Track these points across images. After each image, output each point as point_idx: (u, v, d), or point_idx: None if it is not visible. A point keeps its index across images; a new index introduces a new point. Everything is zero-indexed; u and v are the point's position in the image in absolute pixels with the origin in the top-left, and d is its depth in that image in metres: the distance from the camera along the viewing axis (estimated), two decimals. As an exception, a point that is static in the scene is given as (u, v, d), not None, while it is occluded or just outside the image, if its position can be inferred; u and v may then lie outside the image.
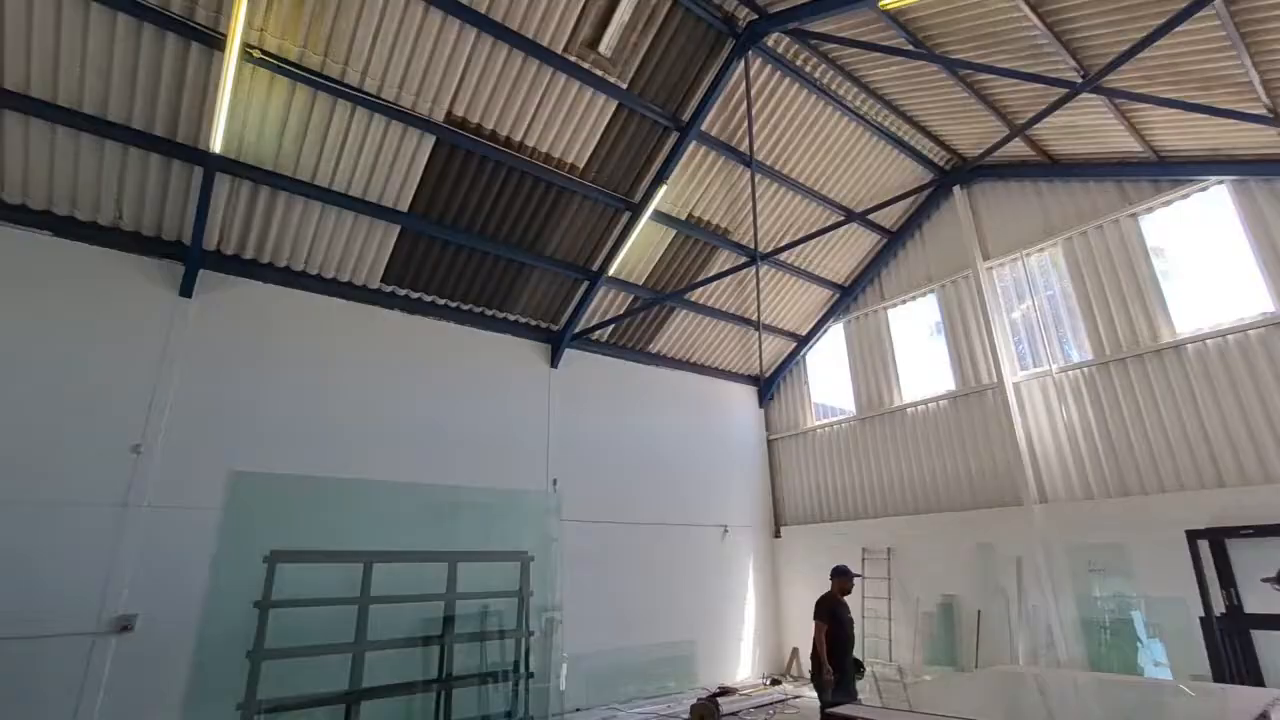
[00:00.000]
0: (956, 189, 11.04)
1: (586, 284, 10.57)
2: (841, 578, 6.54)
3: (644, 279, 11.09)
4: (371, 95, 7.51)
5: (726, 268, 11.05)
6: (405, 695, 5.68)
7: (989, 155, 9.75)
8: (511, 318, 10.63)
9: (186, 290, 7.82)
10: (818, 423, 13.29)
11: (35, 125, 6.65)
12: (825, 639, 6.09)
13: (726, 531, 12.47)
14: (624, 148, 9.23)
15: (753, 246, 10.43)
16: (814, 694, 6.60)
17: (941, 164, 11.09)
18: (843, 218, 10.92)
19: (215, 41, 6.58)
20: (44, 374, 6.90)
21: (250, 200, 7.88)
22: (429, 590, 6.16)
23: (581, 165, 9.18)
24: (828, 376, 13.75)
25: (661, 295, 11.08)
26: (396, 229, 8.83)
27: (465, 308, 10.13)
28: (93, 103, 6.71)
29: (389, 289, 9.43)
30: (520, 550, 5.99)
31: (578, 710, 9.12)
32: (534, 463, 10.21)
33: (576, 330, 11.00)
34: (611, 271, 10.33)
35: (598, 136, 8.95)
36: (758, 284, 10.91)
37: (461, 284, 9.81)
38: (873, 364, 12.42)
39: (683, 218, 10.48)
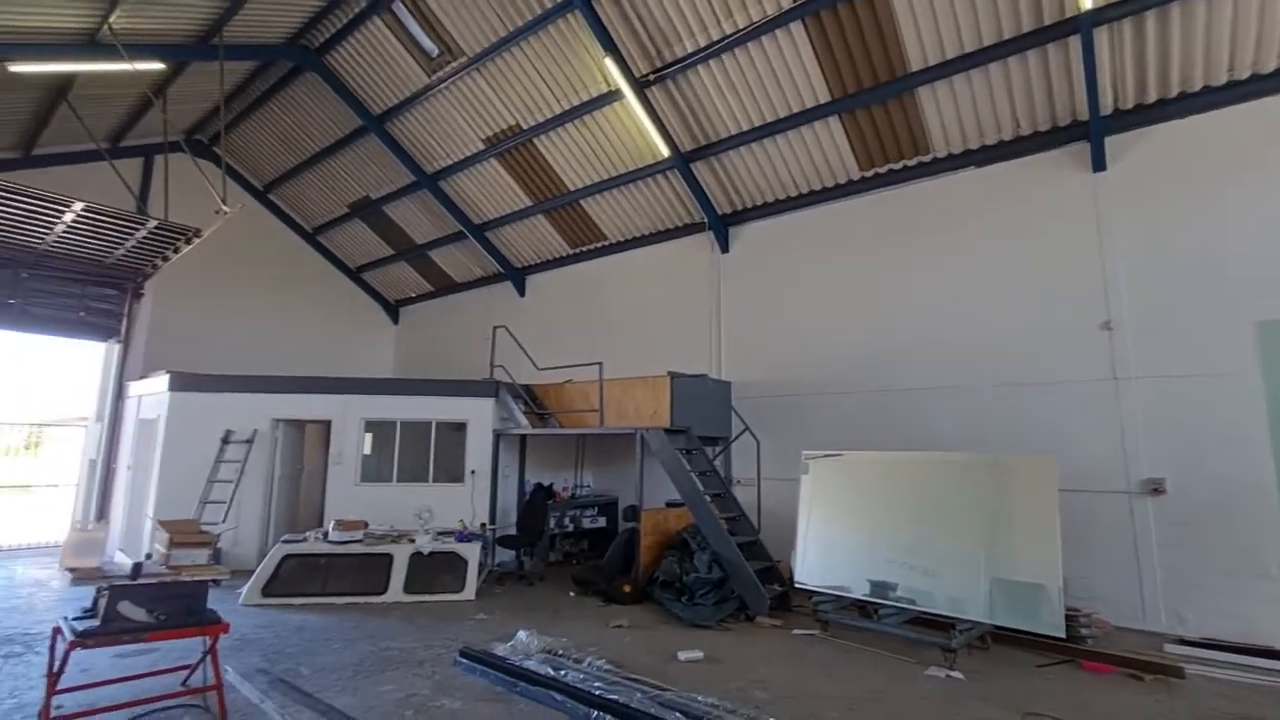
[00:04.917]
0: None
1: None
2: None
3: None
4: None
5: None
6: None
7: None
8: None
9: (1099, 164, 7.60)
10: None
11: (939, 88, 8.07)
12: None
13: None
14: None
15: None
16: None
17: None
18: None
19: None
20: (1016, 273, 8.15)
21: (1135, 35, 6.95)
22: None
23: None
24: None
25: None
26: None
27: None
28: (970, 41, 7.57)
29: (1382, 37, 6.26)
30: None
31: None
32: None
33: None
34: None
35: None
36: None
37: None
38: None
39: None
